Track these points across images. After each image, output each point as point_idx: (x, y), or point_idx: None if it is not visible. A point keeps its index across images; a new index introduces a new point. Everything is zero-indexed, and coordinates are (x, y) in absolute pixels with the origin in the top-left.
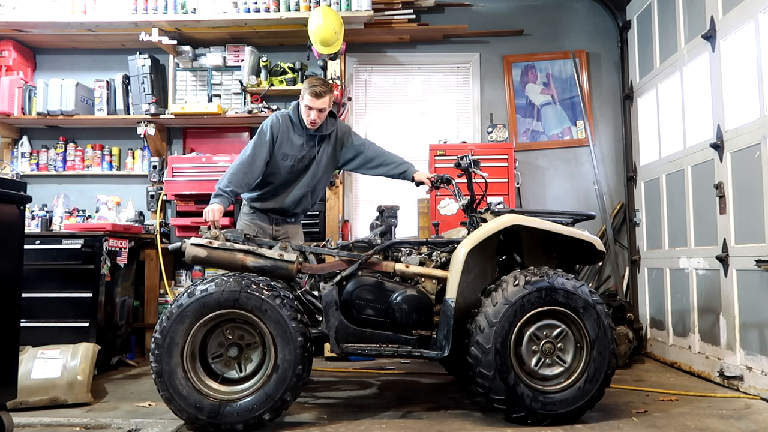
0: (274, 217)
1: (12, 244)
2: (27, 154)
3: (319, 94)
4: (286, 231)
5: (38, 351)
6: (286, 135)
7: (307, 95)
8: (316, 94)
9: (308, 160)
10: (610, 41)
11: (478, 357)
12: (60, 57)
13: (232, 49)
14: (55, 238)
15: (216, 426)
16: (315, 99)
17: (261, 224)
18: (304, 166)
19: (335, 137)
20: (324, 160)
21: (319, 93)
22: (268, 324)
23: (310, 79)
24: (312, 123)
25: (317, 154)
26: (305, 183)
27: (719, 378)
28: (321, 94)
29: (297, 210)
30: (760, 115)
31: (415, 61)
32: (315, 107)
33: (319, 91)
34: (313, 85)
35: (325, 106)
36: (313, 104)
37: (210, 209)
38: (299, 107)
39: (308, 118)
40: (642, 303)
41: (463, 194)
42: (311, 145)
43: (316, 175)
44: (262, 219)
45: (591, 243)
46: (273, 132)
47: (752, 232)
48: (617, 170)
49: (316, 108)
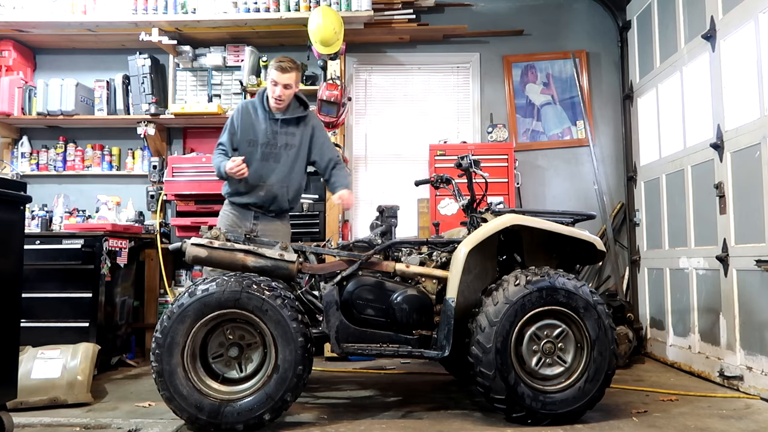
0: (254, 212)
1: (12, 244)
2: (27, 154)
3: (285, 69)
4: (266, 228)
5: (38, 351)
6: (250, 120)
7: (273, 70)
8: (282, 69)
9: (277, 148)
10: (610, 41)
11: (478, 356)
12: (60, 57)
13: (232, 49)
14: (55, 238)
15: (216, 426)
16: (281, 73)
17: (240, 220)
18: (273, 154)
19: (307, 127)
20: (294, 148)
21: (285, 68)
22: (269, 324)
23: (278, 57)
24: (278, 100)
25: (286, 140)
26: (279, 174)
27: (719, 378)
28: (287, 69)
29: (274, 206)
30: (760, 115)
31: (415, 61)
32: (281, 82)
33: (285, 66)
34: (279, 61)
35: (290, 83)
36: (279, 79)
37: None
38: (266, 93)
39: (273, 94)
40: (642, 303)
41: (464, 194)
42: (276, 131)
43: (287, 164)
44: (242, 214)
45: (591, 243)
46: (234, 120)
47: (752, 232)
48: (617, 170)
49: (281, 83)
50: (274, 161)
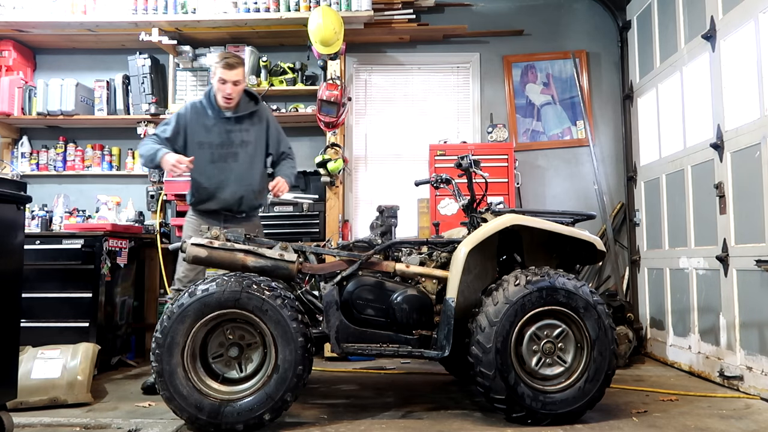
0: (223, 215)
1: (12, 244)
2: (27, 154)
3: (231, 65)
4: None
5: (38, 351)
6: (200, 122)
7: (219, 68)
8: (228, 66)
9: (234, 147)
10: (610, 41)
11: (478, 356)
12: (60, 57)
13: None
14: (55, 238)
15: (216, 426)
16: (228, 70)
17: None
18: (231, 154)
19: (261, 120)
20: (251, 144)
21: (232, 64)
22: (269, 324)
23: (221, 53)
24: (227, 98)
25: (242, 138)
26: (240, 173)
27: (719, 378)
28: (234, 65)
29: (244, 206)
30: (760, 115)
31: (415, 61)
32: (229, 80)
33: (231, 62)
34: (224, 57)
35: (239, 78)
36: (227, 76)
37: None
38: (213, 92)
39: (223, 93)
40: (642, 303)
41: (464, 194)
42: (230, 129)
43: (247, 161)
44: (209, 220)
45: (591, 243)
46: (181, 120)
47: (752, 232)
48: (617, 170)
49: (230, 81)
50: (232, 161)
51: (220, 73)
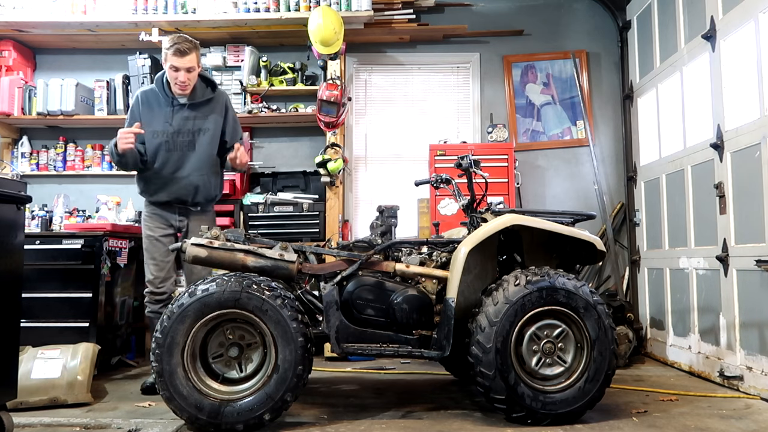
0: (177, 208)
1: (12, 244)
2: (27, 154)
3: (182, 51)
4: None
5: (38, 351)
6: (153, 110)
7: (170, 55)
8: (179, 52)
9: (190, 135)
10: (610, 41)
11: (478, 356)
12: (60, 57)
13: (232, 49)
14: (55, 238)
15: (216, 426)
16: (180, 57)
17: (164, 220)
18: (187, 142)
19: (219, 107)
20: (209, 132)
21: (183, 50)
22: (269, 324)
23: (171, 37)
24: (182, 86)
25: (199, 125)
26: (197, 162)
27: (719, 378)
28: (186, 51)
29: (199, 198)
30: (760, 115)
31: (415, 61)
32: (182, 66)
33: (183, 48)
34: (174, 43)
35: (193, 65)
36: (179, 63)
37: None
38: (165, 78)
39: (176, 80)
40: (642, 303)
41: (464, 194)
42: (186, 117)
43: (204, 150)
44: (165, 213)
45: (591, 243)
46: (134, 112)
47: (752, 232)
48: (617, 170)
49: (183, 68)
50: (189, 149)
51: (172, 60)
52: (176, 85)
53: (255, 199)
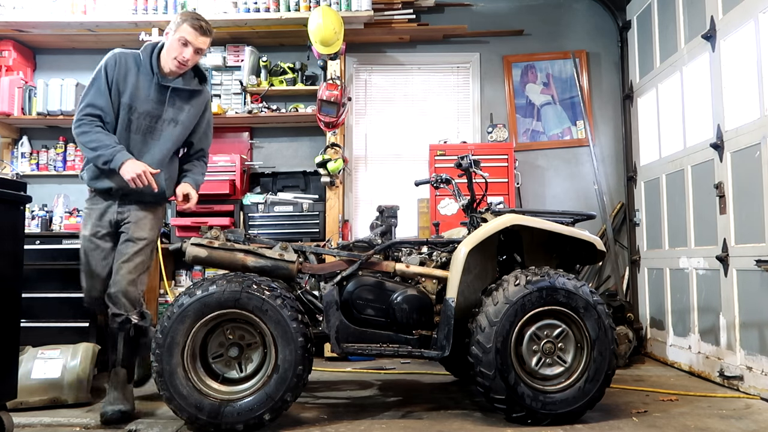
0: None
1: (12, 244)
2: (27, 154)
3: (204, 30)
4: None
5: (38, 351)
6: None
7: (188, 27)
8: (201, 30)
9: (159, 121)
10: (610, 41)
11: (478, 356)
12: (60, 57)
13: (232, 49)
14: (55, 238)
15: (216, 426)
16: (198, 34)
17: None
18: (152, 129)
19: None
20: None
21: (205, 30)
22: (269, 324)
23: (190, 12)
24: (182, 64)
25: (173, 115)
26: (157, 154)
27: (719, 378)
28: (206, 32)
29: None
30: (760, 115)
31: (415, 61)
32: (195, 44)
33: (205, 28)
34: (196, 18)
35: (204, 48)
36: (194, 40)
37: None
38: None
39: (179, 55)
40: (642, 303)
41: (464, 194)
42: (164, 101)
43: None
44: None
45: (591, 243)
46: (109, 74)
47: (752, 232)
48: (617, 170)
49: (195, 46)
50: (151, 137)
51: (187, 33)
52: (175, 60)
53: (255, 199)
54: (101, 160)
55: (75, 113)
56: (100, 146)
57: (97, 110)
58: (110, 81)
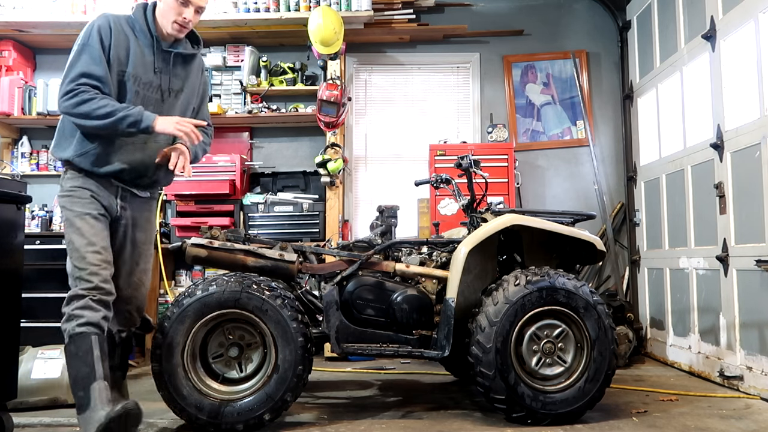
0: (120, 188)
1: (12, 244)
2: (27, 154)
3: None
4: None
5: (38, 351)
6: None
7: None
8: None
9: (163, 92)
10: (610, 41)
11: (478, 356)
12: (60, 57)
13: (232, 49)
14: (55, 238)
15: (216, 426)
16: None
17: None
18: (155, 101)
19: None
20: (184, 95)
21: None
22: (269, 324)
23: None
24: (183, 26)
25: (172, 85)
26: None
27: (719, 378)
28: None
29: (156, 176)
30: (760, 115)
31: (415, 61)
32: (196, 3)
33: None
34: None
35: (205, 5)
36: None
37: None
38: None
39: (178, 17)
40: (642, 303)
41: (464, 194)
42: (160, 69)
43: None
44: (103, 191)
45: (591, 243)
46: (104, 39)
47: (752, 232)
48: (617, 170)
49: (196, 4)
50: (159, 110)
51: None
52: (175, 23)
53: (255, 199)
54: (127, 122)
55: (60, 87)
56: (118, 108)
57: (94, 80)
58: (106, 48)
